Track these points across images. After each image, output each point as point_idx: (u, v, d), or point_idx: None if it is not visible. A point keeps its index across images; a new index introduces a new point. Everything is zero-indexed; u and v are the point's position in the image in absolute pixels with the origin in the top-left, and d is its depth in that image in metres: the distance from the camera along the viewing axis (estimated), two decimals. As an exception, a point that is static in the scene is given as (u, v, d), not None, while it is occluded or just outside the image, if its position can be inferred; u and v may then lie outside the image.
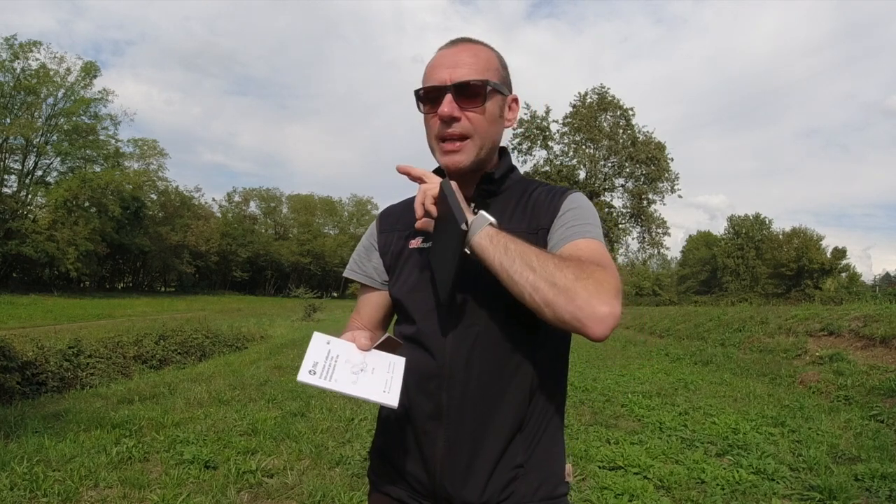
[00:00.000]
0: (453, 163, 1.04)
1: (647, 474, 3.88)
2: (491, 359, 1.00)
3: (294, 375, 6.98)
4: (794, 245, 52.81)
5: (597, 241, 1.01)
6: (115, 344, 8.69)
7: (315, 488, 3.38)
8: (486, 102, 1.04)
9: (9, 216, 34.25)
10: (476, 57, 1.06)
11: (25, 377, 6.18)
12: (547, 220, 1.06)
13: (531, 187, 1.13)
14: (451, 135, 1.03)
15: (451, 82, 1.02)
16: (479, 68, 1.05)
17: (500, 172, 1.10)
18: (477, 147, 1.05)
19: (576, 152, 35.14)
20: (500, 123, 1.09)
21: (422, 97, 1.07)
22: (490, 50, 1.10)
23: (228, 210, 65.09)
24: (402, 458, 1.07)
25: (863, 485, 3.83)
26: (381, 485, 1.12)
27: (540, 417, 1.04)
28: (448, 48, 1.09)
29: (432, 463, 1.02)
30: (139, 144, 45.05)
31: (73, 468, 3.43)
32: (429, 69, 1.08)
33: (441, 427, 1.01)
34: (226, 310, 28.59)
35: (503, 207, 1.09)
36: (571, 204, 1.07)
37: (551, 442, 1.06)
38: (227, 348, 11.28)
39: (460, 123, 1.03)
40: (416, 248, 1.11)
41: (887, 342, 8.10)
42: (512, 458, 1.00)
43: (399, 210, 1.22)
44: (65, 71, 36.23)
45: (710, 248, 61.97)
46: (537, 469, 1.03)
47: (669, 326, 16.77)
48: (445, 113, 1.01)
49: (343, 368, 0.89)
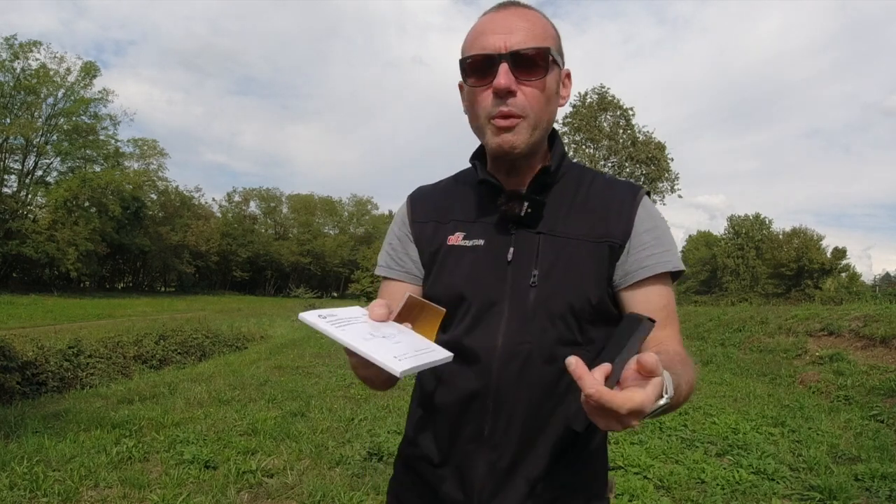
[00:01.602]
0: (508, 143, 0.89)
1: (647, 474, 3.88)
2: (541, 381, 0.90)
3: (294, 375, 6.99)
4: (795, 245, 52.77)
5: (669, 283, 0.95)
6: (115, 344, 8.70)
7: (315, 488, 3.38)
8: (548, 75, 0.89)
9: (9, 216, 34.23)
10: (532, 22, 0.90)
11: (25, 377, 6.18)
12: (619, 231, 0.92)
13: (587, 177, 0.99)
14: (506, 113, 0.88)
15: (507, 50, 0.86)
16: (538, 34, 0.89)
17: (555, 163, 0.95)
18: (531, 128, 0.89)
19: (576, 152, 35.13)
20: (556, 101, 0.94)
21: (469, 67, 0.91)
22: (542, 15, 0.94)
23: (228, 210, 65.01)
24: (438, 477, 0.96)
25: (863, 485, 3.83)
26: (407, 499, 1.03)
27: (586, 436, 0.94)
28: (497, 11, 0.92)
29: (472, 485, 0.92)
30: (139, 144, 45.02)
31: (73, 468, 3.43)
32: (474, 36, 0.91)
33: (484, 450, 0.92)
34: (226, 310, 28.57)
35: (559, 202, 0.95)
36: (648, 218, 0.94)
37: (596, 458, 0.98)
38: (227, 348, 11.27)
39: (516, 99, 0.87)
40: (458, 245, 0.97)
41: (887, 342, 8.10)
42: (556, 478, 0.92)
43: (434, 195, 1.07)
44: (65, 71, 36.22)
45: (710, 248, 62.00)
46: (581, 489, 0.95)
47: (669, 326, 16.75)
48: (503, 85, 0.86)
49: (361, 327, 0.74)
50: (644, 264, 0.91)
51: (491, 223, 0.96)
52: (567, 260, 0.91)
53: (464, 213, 1.00)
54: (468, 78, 0.92)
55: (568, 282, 0.91)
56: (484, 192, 0.99)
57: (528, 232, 0.94)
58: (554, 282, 0.90)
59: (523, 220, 0.93)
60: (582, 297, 0.90)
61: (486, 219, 0.97)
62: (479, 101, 0.91)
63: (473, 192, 1.01)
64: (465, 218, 0.99)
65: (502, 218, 0.94)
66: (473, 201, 1.00)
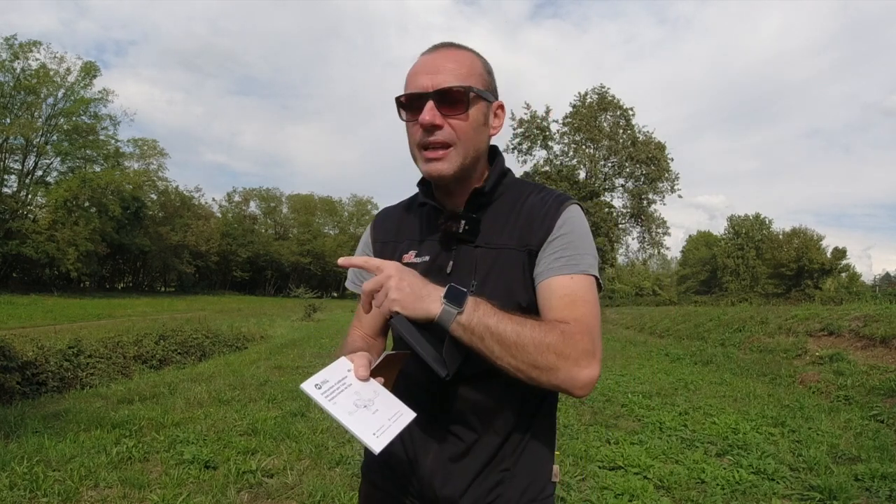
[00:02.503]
0: (436, 170, 1.01)
1: (647, 474, 3.88)
2: (481, 372, 0.99)
3: (294, 375, 6.98)
4: (794, 245, 52.80)
5: (582, 279, 0.98)
6: (115, 344, 8.68)
7: (315, 488, 3.38)
8: (470, 109, 1.00)
9: (9, 216, 34.22)
10: (458, 62, 1.02)
11: (25, 377, 6.17)
12: (537, 239, 1.02)
13: (525, 192, 1.09)
14: (433, 143, 1.00)
15: (432, 89, 0.99)
16: (462, 74, 1.00)
17: (490, 184, 1.07)
18: (461, 156, 1.01)
19: (576, 152, 35.09)
20: (484, 131, 1.05)
21: (403, 104, 1.03)
22: (474, 55, 1.06)
23: (228, 210, 65.02)
24: (396, 457, 1.09)
25: (863, 485, 3.83)
26: (374, 477, 1.15)
27: (531, 422, 1.05)
28: (429, 53, 1.05)
29: (423, 464, 1.05)
30: (139, 144, 45.02)
31: (73, 468, 3.43)
32: (410, 75, 1.04)
33: (433, 435, 1.05)
34: (226, 310, 28.55)
35: (494, 218, 1.06)
36: (565, 227, 1.03)
37: (541, 445, 1.08)
38: (227, 348, 11.25)
39: (442, 131, 0.99)
40: (410, 262, 1.09)
41: (887, 342, 8.11)
42: (500, 462, 1.03)
43: (394, 216, 1.20)
44: (65, 71, 36.19)
45: (710, 248, 62.01)
46: (524, 472, 1.05)
47: (669, 326, 16.78)
48: (427, 121, 0.98)
49: (348, 396, 0.88)
50: (551, 266, 0.99)
51: (436, 240, 1.09)
52: (500, 268, 1.03)
53: (416, 232, 1.13)
54: (402, 113, 1.04)
55: (500, 287, 1.01)
56: (430, 213, 1.12)
57: (468, 246, 1.05)
58: (489, 289, 1.01)
59: (461, 236, 1.04)
60: (512, 301, 1.00)
61: (433, 237, 1.10)
62: (412, 134, 1.03)
63: (422, 214, 1.14)
64: (416, 237, 1.13)
65: (444, 235, 1.07)
66: (424, 222, 1.13)
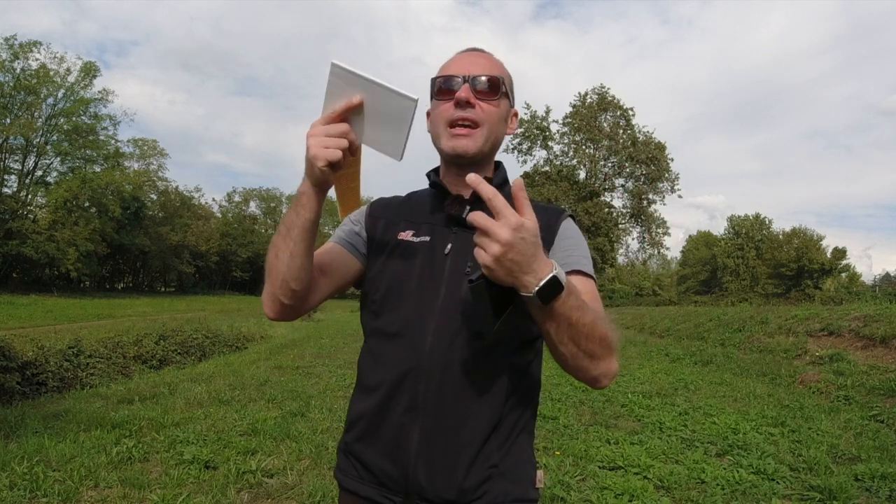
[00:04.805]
0: (462, 146, 1.05)
1: (647, 474, 3.88)
2: (470, 357, 1.00)
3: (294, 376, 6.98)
4: (794, 245, 52.78)
5: (592, 281, 1.06)
6: (115, 344, 8.68)
7: (315, 488, 3.38)
8: (500, 98, 1.08)
9: (9, 216, 34.23)
10: (492, 63, 1.11)
11: (25, 377, 6.16)
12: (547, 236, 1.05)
13: None
14: (463, 119, 1.05)
15: (469, 75, 1.06)
16: (495, 69, 1.09)
17: (497, 181, 1.13)
18: (484, 137, 1.06)
19: (576, 152, 35.10)
20: (504, 126, 1.12)
21: (438, 85, 1.09)
22: (502, 63, 1.15)
23: (228, 210, 65.03)
24: (373, 454, 1.05)
25: (863, 485, 3.83)
26: (349, 483, 1.09)
27: (514, 422, 1.06)
28: (463, 54, 1.13)
29: (406, 456, 1.01)
30: (139, 144, 45.11)
31: (73, 468, 3.43)
32: (443, 68, 1.11)
33: (417, 420, 1.01)
34: (226, 310, 28.57)
35: None
36: (570, 231, 1.11)
37: (523, 447, 1.08)
38: (227, 348, 11.25)
39: (474, 110, 1.05)
40: (406, 240, 1.11)
41: (887, 342, 8.11)
42: (487, 457, 1.01)
43: (393, 202, 1.24)
44: (65, 71, 36.21)
45: (710, 248, 61.93)
46: (511, 472, 1.04)
47: (669, 326, 16.77)
48: (462, 97, 1.03)
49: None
50: (564, 262, 1.04)
51: (437, 223, 1.12)
52: None
53: (415, 215, 1.16)
54: (436, 93, 1.09)
55: None
56: (435, 196, 1.15)
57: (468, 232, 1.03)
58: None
59: (463, 221, 1.04)
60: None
61: (434, 219, 1.13)
62: (441, 112, 1.07)
63: (425, 200, 1.18)
64: (415, 219, 1.15)
65: (447, 217, 1.10)
66: (425, 206, 1.17)
